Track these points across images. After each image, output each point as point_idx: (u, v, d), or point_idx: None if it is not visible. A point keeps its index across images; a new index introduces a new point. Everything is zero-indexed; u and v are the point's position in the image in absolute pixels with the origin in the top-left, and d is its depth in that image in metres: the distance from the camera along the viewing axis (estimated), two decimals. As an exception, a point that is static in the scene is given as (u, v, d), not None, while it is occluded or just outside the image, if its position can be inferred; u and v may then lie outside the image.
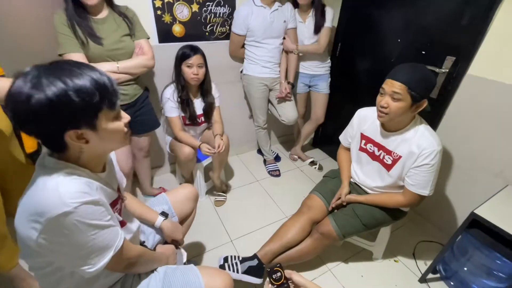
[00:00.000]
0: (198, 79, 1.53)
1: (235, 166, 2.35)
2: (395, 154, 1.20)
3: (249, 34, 1.80)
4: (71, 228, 0.57)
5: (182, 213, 1.14)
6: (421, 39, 1.57)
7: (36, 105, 0.51)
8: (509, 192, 1.28)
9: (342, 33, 2.08)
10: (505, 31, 1.24)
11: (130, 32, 1.35)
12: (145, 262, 0.82)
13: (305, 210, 1.43)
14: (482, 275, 1.31)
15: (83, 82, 0.55)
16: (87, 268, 0.63)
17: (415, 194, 1.17)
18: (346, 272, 1.50)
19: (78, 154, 0.63)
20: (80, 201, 0.57)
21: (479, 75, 1.35)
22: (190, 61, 1.47)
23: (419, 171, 1.13)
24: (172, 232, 1.04)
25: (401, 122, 1.16)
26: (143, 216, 1.01)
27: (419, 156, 1.11)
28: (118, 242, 0.67)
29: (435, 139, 1.12)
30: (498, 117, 1.33)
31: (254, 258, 1.35)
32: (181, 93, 1.57)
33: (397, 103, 1.07)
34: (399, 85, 1.05)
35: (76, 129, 0.57)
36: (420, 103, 1.09)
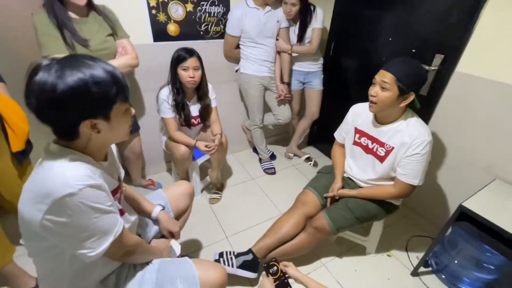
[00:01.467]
0: (195, 82, 1.52)
1: (231, 165, 2.36)
2: (388, 145, 1.24)
3: (244, 35, 1.83)
4: (75, 209, 0.59)
5: (178, 209, 1.16)
6: (412, 37, 1.61)
7: (61, 94, 0.55)
8: (496, 186, 1.31)
9: (335, 33, 2.12)
10: (490, 30, 1.27)
11: (112, 32, 1.35)
12: (142, 252, 0.84)
13: (299, 205, 1.45)
14: (472, 267, 1.34)
15: (101, 75, 0.59)
16: (88, 252, 0.65)
17: (406, 184, 1.20)
18: (340, 267, 1.52)
19: (85, 143, 0.66)
20: (84, 183, 0.60)
21: (467, 72, 1.39)
22: (185, 64, 1.46)
23: (410, 161, 1.17)
24: (168, 223, 1.05)
25: (392, 114, 1.20)
26: (141, 207, 1.02)
27: (411, 145, 1.15)
28: (118, 228, 0.70)
29: (426, 130, 1.16)
30: (485, 113, 1.37)
31: (249, 253, 1.37)
32: (177, 96, 1.56)
33: (384, 93, 1.13)
34: (388, 75, 1.10)
35: (92, 119, 0.61)
36: (407, 95, 1.12)
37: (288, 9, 1.80)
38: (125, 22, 1.57)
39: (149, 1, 1.59)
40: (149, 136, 2.01)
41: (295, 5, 1.76)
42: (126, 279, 0.82)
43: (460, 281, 1.41)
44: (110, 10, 1.39)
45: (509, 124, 1.29)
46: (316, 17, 1.86)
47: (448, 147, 1.56)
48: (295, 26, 1.92)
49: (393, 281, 1.46)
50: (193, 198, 1.24)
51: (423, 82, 1.16)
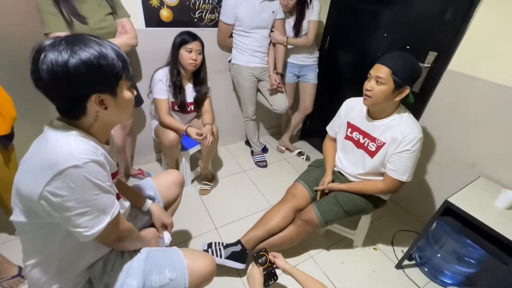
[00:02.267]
0: (196, 65, 1.52)
1: (223, 157, 2.35)
2: (379, 141, 1.24)
3: (238, 23, 1.79)
4: (77, 182, 0.59)
5: (168, 199, 1.14)
6: (406, 34, 1.61)
7: (73, 68, 0.57)
8: (480, 183, 1.35)
9: (331, 27, 2.10)
10: (483, 29, 1.29)
11: (112, 11, 1.34)
12: (133, 239, 0.83)
13: (289, 198, 1.46)
14: (454, 261, 1.39)
15: (108, 51, 0.62)
16: (84, 231, 0.63)
17: (395, 179, 1.22)
18: (327, 259, 1.54)
19: (91, 122, 0.67)
20: (90, 158, 0.60)
21: (458, 70, 1.41)
22: (189, 46, 1.47)
23: (400, 157, 1.18)
24: (162, 215, 1.04)
25: (386, 109, 1.21)
26: (132, 199, 1.00)
27: (402, 142, 1.16)
28: (115, 210, 0.69)
29: (417, 126, 1.17)
30: (474, 112, 1.39)
31: (237, 244, 1.37)
32: (176, 78, 1.55)
33: (380, 87, 1.12)
34: (384, 69, 1.10)
35: (101, 93, 0.63)
36: (403, 89, 1.13)
37: (285, 2, 1.77)
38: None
39: (142, -15, 1.53)
40: (139, 125, 1.97)
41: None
42: (114, 266, 0.80)
43: (442, 274, 1.46)
44: None
45: (496, 124, 1.32)
46: (312, 8, 1.83)
47: (436, 144, 1.59)
48: (291, 18, 1.90)
49: (378, 273, 1.49)
50: (183, 188, 1.23)
51: (417, 76, 1.17)
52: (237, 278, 1.38)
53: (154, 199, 1.06)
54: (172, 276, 0.81)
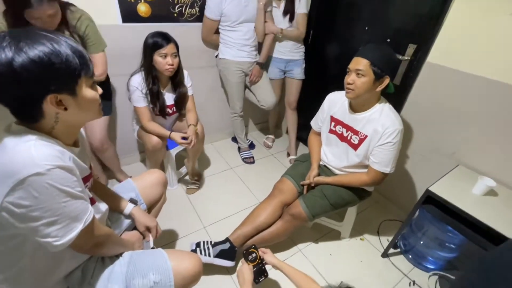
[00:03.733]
0: (173, 69, 1.44)
1: (209, 154, 2.32)
2: (362, 134, 1.26)
3: (224, 19, 1.75)
4: (41, 190, 0.55)
5: (151, 199, 1.11)
6: (387, 27, 1.63)
7: (19, 67, 0.52)
8: (459, 171, 1.40)
9: (314, 20, 2.10)
10: (459, 21, 1.32)
11: None
12: (112, 244, 0.80)
13: (276, 193, 1.46)
14: (436, 247, 1.44)
15: (62, 47, 0.56)
16: (54, 241, 0.59)
17: (378, 172, 1.25)
18: (316, 252, 1.56)
19: (52, 124, 0.62)
20: (53, 164, 0.56)
21: (437, 62, 1.44)
22: (163, 50, 1.37)
23: (382, 149, 1.20)
24: (145, 219, 1.01)
25: (367, 101, 1.22)
26: (111, 203, 0.96)
27: (383, 134, 1.18)
28: (88, 216, 0.65)
29: (397, 119, 1.20)
30: (452, 103, 1.43)
31: (226, 241, 1.36)
32: (151, 84, 1.47)
33: (361, 79, 1.14)
34: (363, 61, 1.12)
35: (57, 94, 0.57)
36: (383, 79, 1.15)
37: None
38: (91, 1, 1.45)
39: (116, -23, 1.46)
40: (121, 124, 1.91)
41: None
42: (94, 273, 0.77)
43: (425, 260, 1.51)
44: (86, 22, 1.23)
45: (472, 113, 1.37)
46: (300, 1, 1.82)
47: (418, 135, 1.63)
48: (278, 9, 1.86)
49: (365, 263, 1.53)
50: (166, 187, 1.20)
51: (396, 66, 1.20)
52: (227, 276, 1.37)
53: (136, 202, 1.03)
54: (157, 279, 0.79)
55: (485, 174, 1.30)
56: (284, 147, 2.49)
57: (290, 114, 2.25)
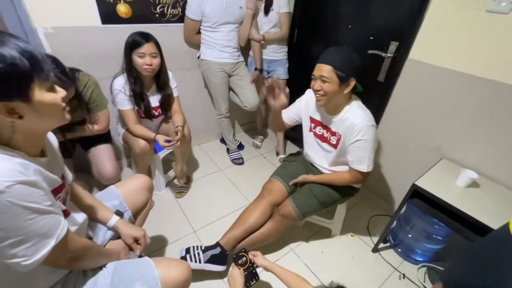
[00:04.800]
0: (153, 70, 1.38)
1: (198, 156, 2.28)
2: (338, 134, 1.28)
3: (205, 19, 1.72)
4: (2, 210, 0.50)
5: (136, 205, 1.08)
6: (369, 25, 1.66)
7: None
8: (443, 164, 1.43)
9: (298, 19, 2.11)
10: (437, 19, 1.35)
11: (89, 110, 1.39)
12: (92, 256, 0.76)
13: (265, 194, 1.45)
14: (423, 239, 1.47)
15: (5, 49, 0.50)
16: (22, 261, 0.55)
17: (356, 170, 1.25)
18: (307, 250, 1.57)
19: (9, 134, 0.56)
20: (14, 179, 0.52)
21: (418, 59, 1.47)
22: (141, 50, 1.31)
23: (355, 147, 1.21)
24: (130, 230, 0.96)
25: (338, 104, 1.23)
26: (94, 213, 0.92)
27: (353, 132, 1.19)
28: (61, 231, 0.61)
29: (366, 115, 1.19)
30: (434, 98, 1.47)
31: (216, 246, 1.34)
32: (134, 85, 1.42)
33: (326, 84, 1.14)
34: (325, 67, 1.12)
35: (7, 102, 0.52)
36: (348, 82, 1.15)
37: None
38: (67, 2, 1.39)
39: (93, -23, 1.41)
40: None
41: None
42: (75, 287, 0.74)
43: (414, 252, 1.54)
44: (92, 86, 1.35)
45: (453, 108, 1.40)
46: (281, 0, 1.82)
47: (403, 131, 1.66)
48: (260, 10, 1.86)
49: (356, 259, 1.54)
50: (152, 192, 1.16)
51: (359, 65, 1.16)
52: (219, 280, 1.35)
53: (122, 214, 0.99)
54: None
55: (468, 167, 1.34)
56: (273, 146, 2.48)
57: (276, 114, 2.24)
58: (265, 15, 1.86)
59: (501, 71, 1.21)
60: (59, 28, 1.44)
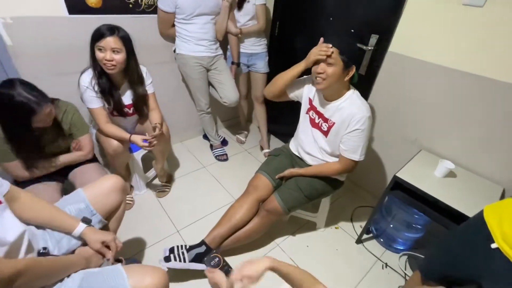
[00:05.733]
0: (113, 67, 1.24)
1: (180, 154, 2.22)
2: (330, 121, 1.27)
3: (178, 11, 1.63)
4: None
5: (106, 208, 1.01)
6: (350, 18, 1.65)
7: None
8: (422, 156, 1.47)
9: (279, 12, 2.07)
10: (416, 12, 1.36)
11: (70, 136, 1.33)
12: (41, 274, 0.67)
13: (251, 190, 1.43)
14: (404, 229, 1.52)
15: None
16: None
17: (348, 159, 1.26)
18: (293, 245, 1.57)
19: None
20: None
21: (397, 51, 1.49)
22: (101, 43, 1.19)
23: (351, 137, 1.22)
24: (98, 236, 0.88)
25: (338, 91, 1.23)
26: (54, 224, 0.85)
27: (351, 122, 1.20)
28: None
29: (365, 106, 1.21)
30: (413, 90, 1.50)
31: (201, 244, 1.31)
32: (99, 80, 1.30)
33: (331, 68, 1.13)
34: (333, 48, 1.11)
35: None
36: (350, 68, 1.16)
37: None
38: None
39: (56, -38, 1.29)
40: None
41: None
42: None
43: (395, 242, 1.59)
44: (72, 112, 1.30)
45: (431, 100, 1.44)
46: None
47: (384, 122, 1.69)
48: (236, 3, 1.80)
49: (340, 251, 1.57)
50: (125, 193, 1.10)
51: (357, 56, 1.20)
52: (205, 279, 1.32)
53: (90, 221, 0.91)
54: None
55: (445, 158, 1.38)
56: (257, 141, 2.46)
57: (259, 108, 2.22)
58: (238, 11, 1.80)
59: (476, 63, 1.24)
60: (20, 18, 1.31)
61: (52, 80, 1.51)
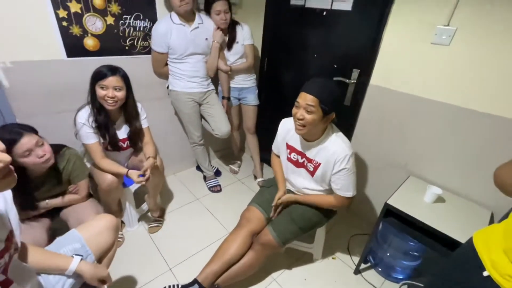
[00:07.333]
0: (115, 103, 1.32)
1: (173, 186, 2.20)
2: (315, 161, 1.29)
3: (171, 51, 1.74)
4: None
5: (100, 248, 0.99)
6: (333, 54, 1.78)
7: None
8: (411, 182, 1.51)
9: (267, 49, 2.22)
10: (391, 49, 1.49)
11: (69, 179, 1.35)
12: None
13: (244, 223, 1.41)
14: (401, 256, 1.50)
15: None
16: None
17: (343, 197, 1.28)
18: (290, 279, 1.52)
19: None
20: None
21: (378, 84, 1.59)
22: (104, 82, 1.27)
23: (339, 176, 1.24)
24: (96, 271, 0.89)
25: (316, 132, 1.25)
26: (48, 266, 0.83)
27: (336, 163, 1.21)
28: None
29: (346, 144, 1.24)
30: (395, 119, 1.58)
31: (194, 283, 1.26)
32: (98, 116, 1.36)
33: (311, 115, 1.16)
34: (312, 98, 1.14)
35: None
36: (330, 115, 1.19)
37: (223, 17, 1.77)
38: (30, 34, 1.36)
39: (58, 12, 1.39)
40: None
41: (227, 12, 1.76)
42: None
43: (394, 271, 1.56)
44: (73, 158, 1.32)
45: (413, 128, 1.52)
46: (243, 32, 1.91)
47: (371, 151, 1.75)
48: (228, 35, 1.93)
49: (339, 283, 1.52)
50: (118, 232, 1.09)
51: (341, 100, 1.22)
52: (198, 322, 1.25)
53: (82, 257, 0.91)
54: None
55: (434, 183, 1.42)
56: (251, 170, 2.47)
57: (251, 138, 2.27)
58: (228, 51, 1.92)
59: (447, 94, 1.35)
60: (19, 62, 1.37)
61: (47, 118, 1.54)
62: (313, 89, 1.15)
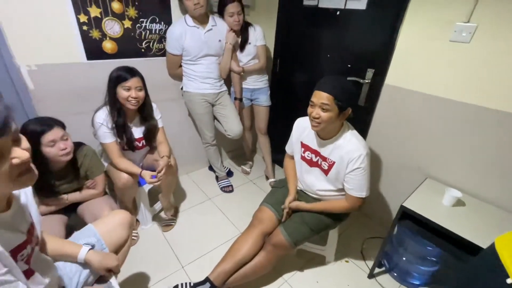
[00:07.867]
0: (137, 103, 1.40)
1: (186, 186, 2.23)
2: (330, 160, 1.28)
3: (185, 53, 1.77)
4: None
5: (115, 243, 1.02)
6: (347, 54, 1.76)
7: None
8: (428, 184, 1.46)
9: (279, 50, 2.22)
10: (407, 48, 1.45)
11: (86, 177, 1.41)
12: None
13: (256, 223, 1.41)
14: (418, 261, 1.45)
15: None
16: None
17: (355, 197, 1.25)
18: (302, 280, 1.50)
19: None
20: None
21: (393, 84, 1.56)
22: (127, 84, 1.34)
23: (353, 175, 1.21)
24: (101, 262, 0.91)
25: (332, 130, 1.24)
26: (62, 252, 0.86)
27: (350, 161, 1.20)
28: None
29: (361, 143, 1.22)
30: (411, 119, 1.53)
31: (206, 282, 1.27)
32: (117, 117, 1.42)
33: (326, 113, 1.15)
34: (327, 96, 1.13)
35: None
36: (346, 111, 1.18)
37: (236, 19, 1.78)
38: (53, 39, 1.43)
39: (79, 17, 1.45)
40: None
41: (240, 14, 1.78)
42: None
43: (410, 276, 1.51)
44: (89, 156, 1.39)
45: (429, 128, 1.47)
46: (256, 33, 1.91)
47: (386, 151, 1.70)
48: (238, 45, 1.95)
49: (352, 287, 1.49)
50: (132, 228, 1.11)
51: (355, 95, 1.21)
52: (209, 320, 1.26)
53: (93, 246, 0.94)
54: None
55: (452, 185, 1.37)
56: (262, 171, 2.47)
57: (262, 139, 2.28)
58: (241, 52, 1.93)
59: (466, 93, 1.30)
60: (43, 65, 1.44)
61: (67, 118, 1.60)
62: (327, 86, 1.15)
